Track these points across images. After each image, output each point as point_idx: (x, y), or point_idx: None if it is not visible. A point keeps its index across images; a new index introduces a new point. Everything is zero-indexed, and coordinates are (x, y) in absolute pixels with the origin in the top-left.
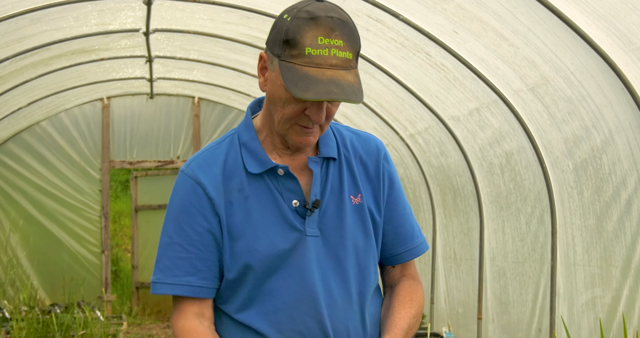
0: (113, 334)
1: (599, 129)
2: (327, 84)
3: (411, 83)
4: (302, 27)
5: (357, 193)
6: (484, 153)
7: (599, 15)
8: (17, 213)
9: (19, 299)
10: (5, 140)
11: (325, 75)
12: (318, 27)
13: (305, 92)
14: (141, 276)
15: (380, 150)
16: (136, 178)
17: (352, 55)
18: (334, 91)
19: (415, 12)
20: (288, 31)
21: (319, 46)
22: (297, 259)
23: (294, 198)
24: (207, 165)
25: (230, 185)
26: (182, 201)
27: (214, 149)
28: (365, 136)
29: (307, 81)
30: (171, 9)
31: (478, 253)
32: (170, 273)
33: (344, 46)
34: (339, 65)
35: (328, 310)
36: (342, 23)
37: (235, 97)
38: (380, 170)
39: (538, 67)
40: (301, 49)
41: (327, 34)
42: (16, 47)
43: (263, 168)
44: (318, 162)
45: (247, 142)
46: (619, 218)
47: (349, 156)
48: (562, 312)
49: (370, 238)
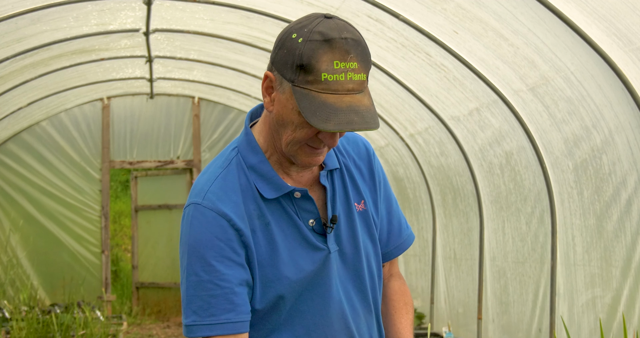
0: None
1: (599, 129)
2: (347, 112)
3: (411, 83)
4: (317, 51)
5: (361, 200)
6: (484, 153)
7: (599, 15)
8: (17, 213)
9: (19, 299)
10: (5, 140)
11: (343, 102)
12: (333, 50)
13: (326, 123)
14: (141, 276)
15: (369, 149)
16: (136, 178)
17: (366, 75)
18: (355, 121)
19: (415, 12)
20: (302, 56)
21: (335, 70)
22: (322, 278)
23: (310, 217)
24: (225, 194)
25: (250, 212)
26: (205, 236)
27: (225, 176)
28: (353, 137)
29: (326, 111)
30: (171, 9)
31: (478, 253)
32: (206, 313)
33: (359, 68)
34: (355, 89)
35: (354, 322)
36: (356, 43)
37: (235, 97)
38: (374, 171)
39: (538, 67)
40: (317, 75)
41: (343, 58)
42: (16, 47)
43: (279, 193)
44: (326, 176)
45: (255, 165)
46: (619, 218)
47: (347, 162)
48: (562, 312)
49: (376, 243)
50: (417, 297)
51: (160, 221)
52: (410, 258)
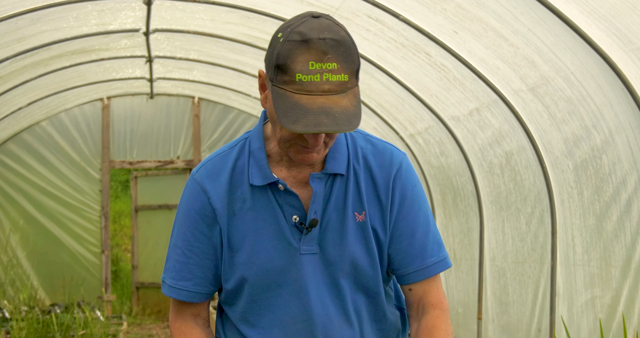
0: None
1: (599, 129)
2: (317, 114)
3: (411, 83)
4: (293, 51)
5: (362, 211)
6: (484, 153)
7: (599, 15)
8: (17, 213)
9: (19, 299)
10: (5, 140)
11: (315, 103)
12: (310, 50)
13: (295, 124)
14: (141, 276)
15: (394, 164)
16: (136, 178)
17: (349, 76)
18: (324, 122)
19: (415, 12)
20: (279, 55)
21: (309, 71)
22: (294, 277)
23: (295, 213)
24: (216, 172)
25: (235, 194)
26: (186, 207)
27: (224, 155)
28: (382, 148)
29: (296, 111)
30: (171, 9)
31: (478, 253)
32: (172, 274)
33: (339, 69)
34: (332, 90)
35: (323, 329)
36: (337, 44)
37: (235, 97)
38: (391, 186)
39: (538, 67)
40: (292, 75)
41: (319, 58)
42: (16, 47)
43: (264, 181)
44: (322, 178)
45: (255, 150)
46: (619, 218)
47: (359, 169)
48: (562, 312)
49: (374, 257)
50: None
51: (160, 221)
52: None
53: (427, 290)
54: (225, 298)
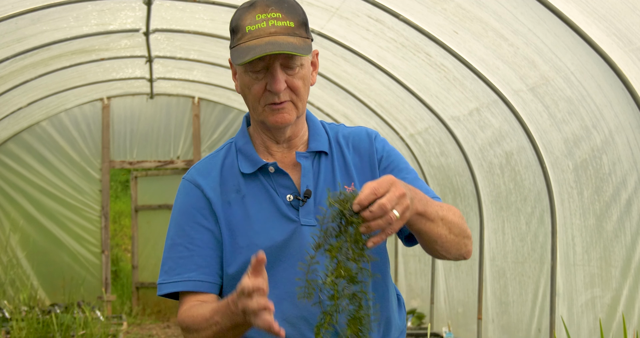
0: (113, 334)
1: (599, 129)
2: (264, 45)
3: (411, 83)
4: (242, 13)
5: (351, 182)
6: (484, 153)
7: (599, 15)
8: (17, 213)
9: (19, 299)
10: (5, 140)
11: (263, 40)
12: (255, 8)
13: (244, 58)
14: (141, 276)
15: (370, 135)
16: (136, 178)
17: (295, 24)
18: (269, 48)
19: (415, 12)
20: (232, 22)
21: (256, 21)
22: (296, 249)
23: (288, 192)
24: (206, 170)
25: (227, 187)
26: (182, 205)
27: (212, 157)
28: (356, 128)
29: (247, 50)
30: (171, 9)
31: (478, 253)
32: (174, 272)
33: (283, 17)
34: (279, 32)
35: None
36: (279, 0)
37: (235, 97)
38: (374, 152)
39: (538, 67)
40: (243, 31)
41: (264, 10)
42: (16, 47)
43: (255, 167)
44: (308, 157)
45: (241, 147)
46: (619, 218)
47: (342, 148)
48: (562, 312)
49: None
50: (417, 297)
51: (160, 221)
52: (410, 258)
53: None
54: (228, 286)
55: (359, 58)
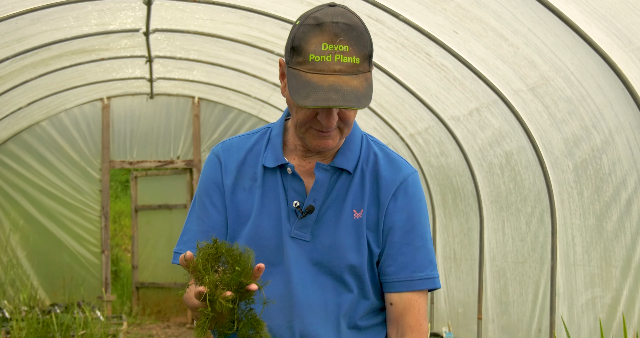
0: (113, 334)
1: (599, 129)
2: (327, 90)
3: (411, 83)
4: (308, 34)
5: (360, 208)
6: (484, 153)
7: (599, 15)
8: (17, 213)
9: (19, 299)
10: (5, 140)
11: (326, 81)
12: (323, 33)
13: (305, 99)
14: (141, 276)
15: (403, 173)
16: (136, 178)
17: (360, 59)
18: (333, 98)
19: (415, 12)
20: (294, 38)
21: (322, 52)
22: (283, 258)
23: (297, 198)
24: (233, 148)
25: (246, 172)
26: (203, 176)
27: (245, 138)
28: (396, 158)
29: (308, 88)
30: (171, 9)
31: (478, 253)
32: (192, 244)
33: (350, 51)
34: (344, 70)
35: (300, 312)
36: (349, 28)
37: (235, 97)
38: (393, 192)
39: (538, 67)
40: (305, 56)
41: (332, 40)
42: (16, 47)
43: (275, 163)
44: (328, 170)
45: (273, 137)
46: (619, 218)
47: (366, 169)
48: (562, 312)
49: (362, 255)
50: None
51: (160, 221)
52: None
53: (407, 307)
54: None
55: None
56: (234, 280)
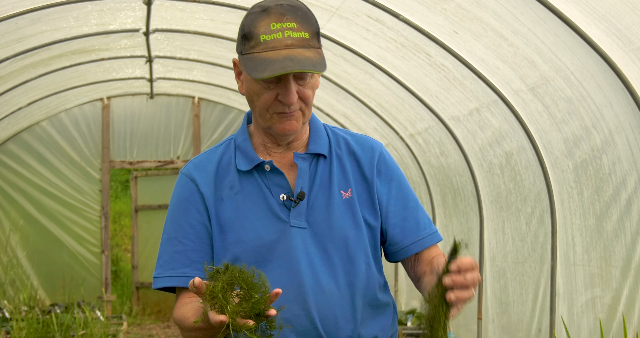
0: (113, 334)
1: (599, 129)
2: (282, 61)
3: (411, 83)
4: (255, 19)
5: (348, 188)
6: (484, 153)
7: (599, 15)
8: (17, 213)
9: (19, 299)
10: (5, 140)
11: (280, 54)
12: (270, 15)
13: (262, 73)
14: (141, 276)
15: (375, 148)
16: (136, 178)
17: (309, 35)
18: (289, 65)
19: (415, 12)
20: (244, 27)
21: (271, 31)
22: (284, 249)
23: (282, 192)
24: (202, 165)
25: (222, 183)
26: (177, 199)
27: (210, 152)
28: (362, 137)
29: (264, 64)
30: (171, 9)
31: (478, 253)
32: (169, 266)
33: (298, 27)
34: (295, 44)
35: (315, 298)
36: (293, 8)
37: (235, 97)
38: (375, 165)
39: (538, 67)
40: (257, 39)
41: (279, 19)
42: (16, 47)
43: (251, 165)
44: (306, 158)
45: (240, 143)
46: (619, 218)
47: (341, 153)
48: (562, 312)
49: (361, 231)
50: (417, 297)
51: (160, 221)
52: None
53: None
54: None
55: (358, 58)
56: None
